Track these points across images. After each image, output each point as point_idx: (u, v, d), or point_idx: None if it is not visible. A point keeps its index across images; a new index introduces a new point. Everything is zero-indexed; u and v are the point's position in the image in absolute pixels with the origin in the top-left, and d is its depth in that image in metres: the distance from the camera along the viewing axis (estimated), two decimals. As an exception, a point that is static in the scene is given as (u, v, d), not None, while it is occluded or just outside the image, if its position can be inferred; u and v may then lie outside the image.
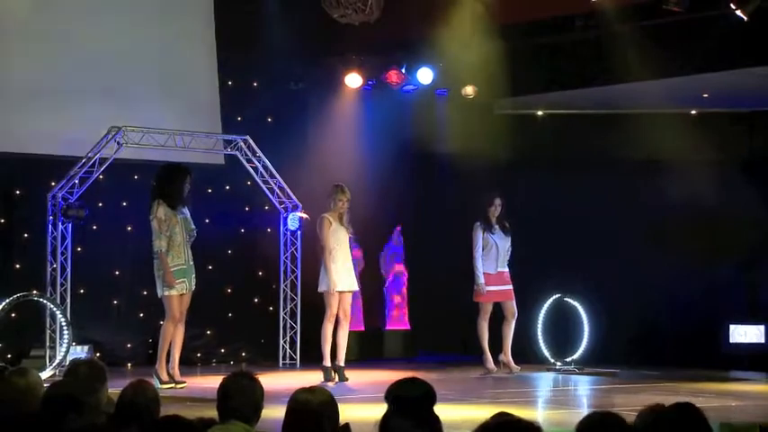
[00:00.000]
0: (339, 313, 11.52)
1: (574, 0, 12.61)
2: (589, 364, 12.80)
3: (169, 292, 10.82)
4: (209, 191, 13.42)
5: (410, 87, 14.32)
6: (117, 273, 12.89)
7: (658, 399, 4.25)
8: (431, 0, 13.10)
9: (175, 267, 10.82)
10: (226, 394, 4.59)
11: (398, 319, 14.53)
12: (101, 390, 5.09)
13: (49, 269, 12.05)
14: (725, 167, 13.61)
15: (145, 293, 12.44)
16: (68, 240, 12.11)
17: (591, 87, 13.40)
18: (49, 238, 12.07)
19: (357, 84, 14.19)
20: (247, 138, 13.04)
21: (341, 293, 11.49)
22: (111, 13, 12.92)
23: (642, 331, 13.63)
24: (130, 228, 12.81)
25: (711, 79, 12.68)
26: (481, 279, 12.34)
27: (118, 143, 12.07)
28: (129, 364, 12.80)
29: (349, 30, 12.71)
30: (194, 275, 11.00)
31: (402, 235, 14.53)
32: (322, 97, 14.23)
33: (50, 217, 12.08)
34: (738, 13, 11.18)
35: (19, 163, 12.27)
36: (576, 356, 12.86)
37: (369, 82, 14.29)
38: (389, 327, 14.51)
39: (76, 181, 12.03)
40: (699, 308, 13.64)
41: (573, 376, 12.41)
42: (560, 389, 11.79)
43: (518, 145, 14.22)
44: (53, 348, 11.66)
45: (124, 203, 12.90)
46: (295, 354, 13.35)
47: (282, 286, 13.43)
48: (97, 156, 12.03)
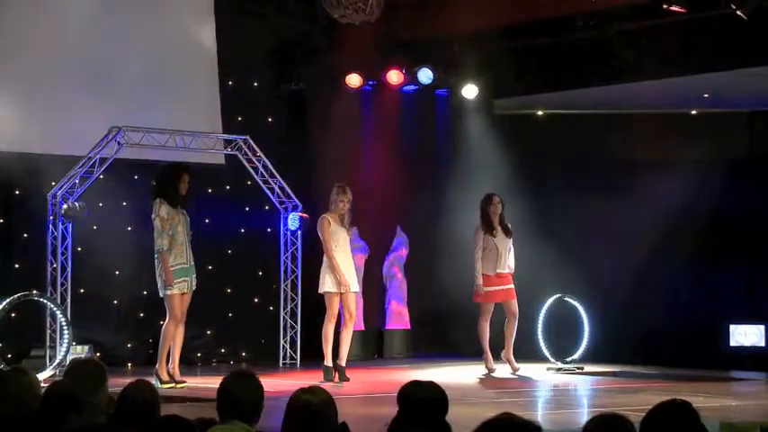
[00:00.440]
0: (345, 314, 11.49)
1: (574, 0, 12.63)
2: (589, 364, 12.80)
3: (170, 292, 10.81)
4: (209, 191, 13.42)
5: (410, 87, 14.34)
6: (117, 273, 12.88)
7: (658, 399, 4.24)
8: (431, 0, 13.11)
9: (177, 266, 10.82)
10: (226, 394, 4.59)
11: (398, 319, 14.52)
12: (101, 390, 5.08)
13: (49, 269, 12.04)
14: (725, 167, 13.62)
15: (145, 293, 12.45)
16: (68, 240, 12.10)
17: (591, 87, 13.40)
18: (50, 238, 12.06)
19: (357, 84, 14.19)
20: (247, 138, 13.03)
21: (342, 294, 11.46)
22: (111, 13, 12.91)
23: (642, 331, 13.63)
24: (130, 228, 12.79)
25: (711, 79, 12.69)
26: (479, 280, 12.32)
27: (118, 143, 12.06)
28: (129, 364, 12.78)
29: (349, 30, 12.72)
30: (195, 275, 11.01)
31: (404, 232, 14.52)
32: (322, 97, 14.22)
33: (50, 217, 12.07)
34: (738, 13, 11.19)
35: (19, 163, 12.25)
36: (577, 356, 12.86)
37: (369, 82, 14.30)
38: (389, 327, 14.51)
39: (77, 181, 12.02)
40: (699, 308, 13.64)
41: (573, 376, 12.41)
42: (560, 389, 11.78)
43: (518, 145, 14.24)
44: (53, 348, 11.64)
45: (124, 203, 12.88)
46: (295, 354, 13.34)
47: (283, 286, 13.42)
48: (97, 156, 12.02)
